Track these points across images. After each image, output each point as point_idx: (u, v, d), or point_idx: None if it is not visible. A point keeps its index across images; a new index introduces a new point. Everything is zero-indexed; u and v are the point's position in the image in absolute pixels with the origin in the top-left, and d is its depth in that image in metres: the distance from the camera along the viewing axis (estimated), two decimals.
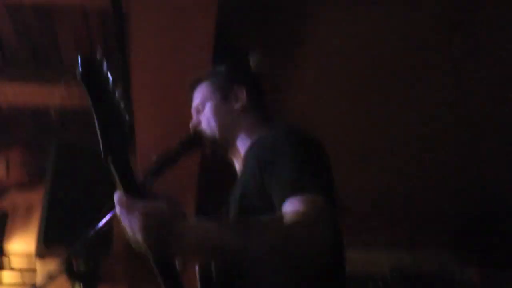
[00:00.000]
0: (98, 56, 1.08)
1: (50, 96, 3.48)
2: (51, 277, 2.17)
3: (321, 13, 2.95)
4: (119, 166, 1.12)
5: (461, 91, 3.41)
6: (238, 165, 1.68)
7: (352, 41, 3.11)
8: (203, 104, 1.71)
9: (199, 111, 1.72)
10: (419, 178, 4.15)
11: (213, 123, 1.66)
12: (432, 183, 4.22)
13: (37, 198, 3.63)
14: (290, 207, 1.25)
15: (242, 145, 1.65)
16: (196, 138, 1.68)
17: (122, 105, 1.10)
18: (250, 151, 1.59)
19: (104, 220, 1.72)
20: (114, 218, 1.72)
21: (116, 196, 1.12)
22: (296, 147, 1.41)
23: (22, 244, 3.83)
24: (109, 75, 1.08)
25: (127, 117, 1.11)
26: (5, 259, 3.80)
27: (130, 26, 2.60)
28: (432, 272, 4.59)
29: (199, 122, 1.70)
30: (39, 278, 3.29)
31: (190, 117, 1.75)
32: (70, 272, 3.06)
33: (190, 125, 1.72)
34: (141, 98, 2.94)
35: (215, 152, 1.68)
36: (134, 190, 1.11)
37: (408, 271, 4.54)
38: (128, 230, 1.09)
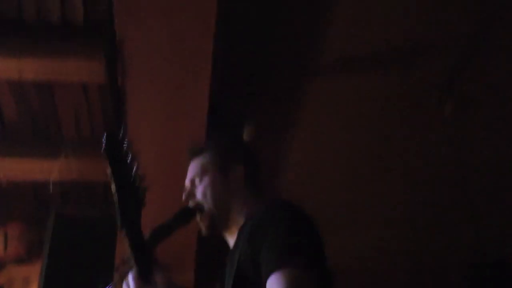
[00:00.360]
0: (121, 134, 1.16)
1: (49, 170, 3.52)
2: None
3: (312, 87, 3.06)
4: (133, 236, 1.20)
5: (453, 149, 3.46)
6: (231, 239, 1.66)
7: (340, 114, 3.21)
8: (199, 176, 1.69)
9: (194, 184, 1.70)
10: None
11: (209, 196, 1.65)
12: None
13: (34, 271, 3.60)
14: (271, 286, 1.27)
15: (235, 220, 1.64)
16: (191, 210, 1.66)
17: (139, 180, 1.18)
18: (243, 228, 1.58)
19: None
20: None
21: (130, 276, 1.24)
22: (285, 224, 1.42)
23: None
24: (129, 152, 1.16)
25: (142, 192, 1.19)
26: None
27: (126, 100, 2.68)
28: None
29: (193, 195, 1.68)
30: None
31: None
32: None
33: (184, 197, 1.70)
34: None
35: (209, 225, 1.66)
36: (143, 259, 1.24)
37: None
38: None
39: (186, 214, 1.65)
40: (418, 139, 3.43)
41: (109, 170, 1.13)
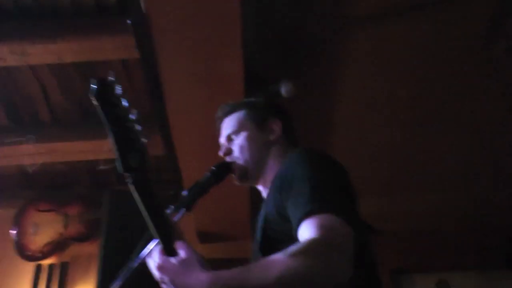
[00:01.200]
0: (111, 80, 1.10)
1: (100, 150, 3.63)
2: None
3: (351, 38, 2.94)
4: (139, 185, 1.14)
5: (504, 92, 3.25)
6: (265, 192, 1.67)
7: (384, 64, 3.07)
8: (237, 132, 1.72)
9: (230, 139, 1.72)
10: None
11: (246, 152, 1.67)
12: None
13: (96, 247, 3.74)
14: (305, 232, 1.22)
15: (271, 174, 1.64)
16: (227, 166, 1.68)
17: (137, 128, 1.11)
18: (274, 178, 1.58)
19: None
20: None
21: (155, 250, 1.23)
22: (310, 167, 1.39)
23: None
24: (122, 98, 1.10)
25: (142, 141, 1.12)
26: None
27: (161, 73, 2.68)
28: None
29: (230, 151, 1.70)
30: None
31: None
32: None
33: (221, 153, 1.72)
34: (181, 138, 3.02)
35: (242, 176, 1.67)
36: (154, 210, 1.17)
37: None
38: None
39: (222, 169, 1.66)
40: (467, 85, 3.23)
41: (102, 116, 1.07)
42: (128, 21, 2.42)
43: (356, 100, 3.30)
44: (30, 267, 4.06)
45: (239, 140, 1.69)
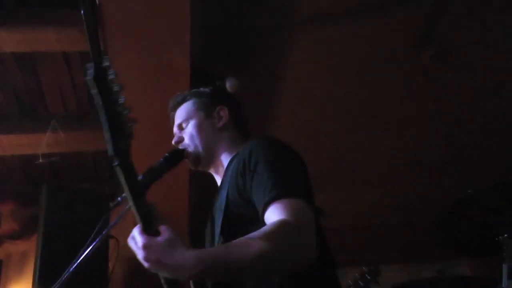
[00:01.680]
0: (106, 64, 1.12)
1: (37, 144, 3.55)
2: None
3: (292, 39, 3.08)
4: (125, 168, 1.19)
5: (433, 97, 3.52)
6: (219, 178, 1.75)
7: (321, 65, 3.25)
8: (186, 121, 1.79)
9: (182, 128, 1.80)
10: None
11: (197, 139, 1.75)
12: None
13: (30, 245, 3.64)
14: (273, 215, 1.31)
15: (224, 159, 1.73)
16: (179, 153, 1.74)
17: (125, 113, 1.15)
18: (230, 163, 1.66)
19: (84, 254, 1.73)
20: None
21: (135, 231, 1.25)
22: (273, 153, 1.49)
23: None
24: (115, 82, 1.13)
25: (130, 124, 1.17)
26: None
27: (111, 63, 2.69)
28: None
29: (182, 138, 1.78)
30: None
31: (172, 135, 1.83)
32: None
33: (173, 141, 1.79)
34: None
35: (195, 161, 1.74)
36: (137, 191, 1.22)
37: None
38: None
39: (175, 156, 1.72)
40: (398, 89, 3.48)
41: (97, 98, 1.10)
42: (82, 12, 2.41)
43: (295, 96, 3.47)
44: None
45: (189, 128, 1.77)
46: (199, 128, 1.76)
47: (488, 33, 3.23)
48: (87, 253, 1.74)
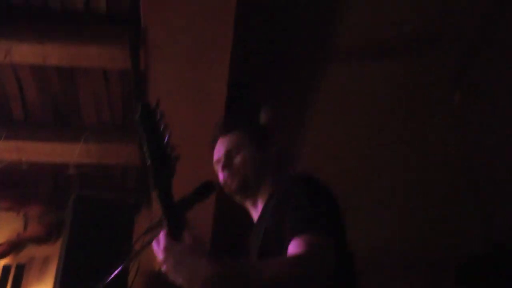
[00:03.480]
0: (154, 106, 1.27)
1: (69, 154, 3.65)
2: None
3: (328, 70, 3.15)
4: (164, 198, 1.31)
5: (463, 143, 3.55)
6: (255, 212, 1.80)
7: (354, 99, 3.31)
8: (237, 149, 1.82)
9: (229, 156, 1.82)
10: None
11: (249, 165, 1.78)
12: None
13: (53, 251, 3.72)
14: (292, 248, 1.39)
15: (263, 192, 1.78)
16: (211, 184, 1.71)
17: (170, 148, 1.29)
18: (269, 201, 1.72)
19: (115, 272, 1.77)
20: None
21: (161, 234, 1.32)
22: (307, 195, 1.55)
23: None
24: (161, 121, 1.26)
25: (174, 159, 1.30)
26: None
27: (149, 84, 2.79)
28: None
29: (230, 164, 1.79)
30: None
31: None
32: None
33: (219, 166, 1.81)
34: None
35: (243, 192, 1.78)
36: (174, 219, 1.32)
37: None
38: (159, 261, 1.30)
39: (207, 188, 1.70)
40: (428, 127, 3.52)
41: (143, 137, 1.23)
42: (129, 35, 2.52)
43: (320, 129, 3.52)
44: None
45: (241, 156, 1.80)
46: (252, 157, 1.80)
47: None
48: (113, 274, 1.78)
